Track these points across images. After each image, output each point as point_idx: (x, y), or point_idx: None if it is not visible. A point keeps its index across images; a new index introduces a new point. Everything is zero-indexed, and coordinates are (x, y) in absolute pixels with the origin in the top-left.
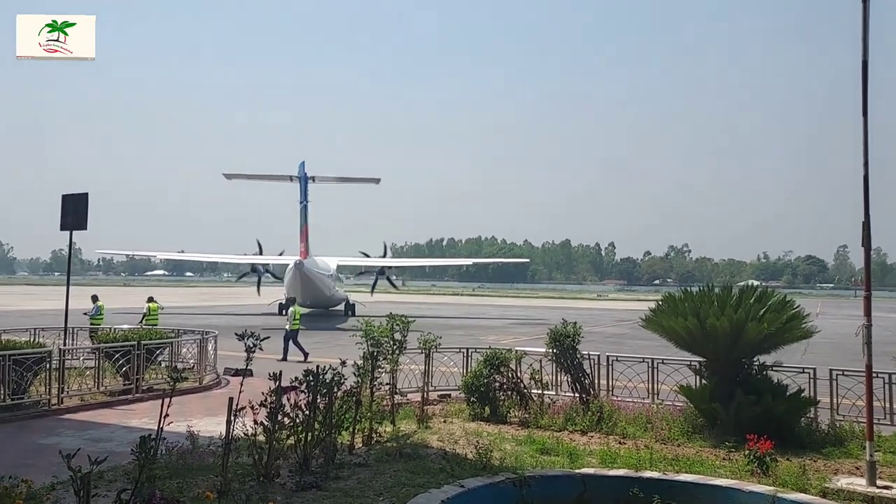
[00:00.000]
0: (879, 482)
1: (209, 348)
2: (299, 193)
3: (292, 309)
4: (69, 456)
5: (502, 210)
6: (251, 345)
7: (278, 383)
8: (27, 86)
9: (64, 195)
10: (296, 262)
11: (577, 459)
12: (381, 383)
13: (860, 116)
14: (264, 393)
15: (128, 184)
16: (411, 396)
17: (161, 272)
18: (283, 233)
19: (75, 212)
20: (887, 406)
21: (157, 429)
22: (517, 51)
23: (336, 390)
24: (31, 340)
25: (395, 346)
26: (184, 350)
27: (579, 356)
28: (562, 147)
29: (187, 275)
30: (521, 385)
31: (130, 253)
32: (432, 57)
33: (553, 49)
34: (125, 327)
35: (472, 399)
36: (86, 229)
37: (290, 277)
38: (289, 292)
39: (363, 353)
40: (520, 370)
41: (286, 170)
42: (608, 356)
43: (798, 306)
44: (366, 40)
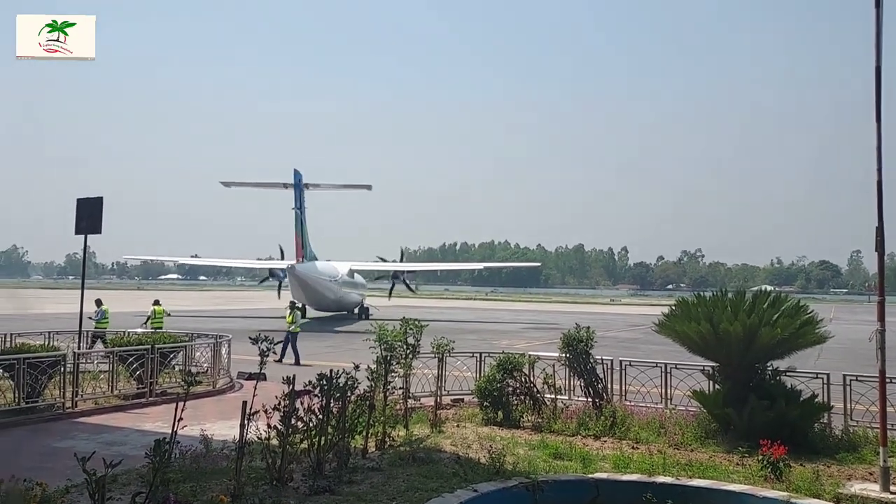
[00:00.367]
0: (893, 488)
1: (223, 352)
2: (293, 200)
3: (289, 312)
4: (84, 459)
5: (515, 214)
6: (265, 349)
7: (292, 387)
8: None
9: (79, 199)
10: (288, 266)
11: (590, 464)
12: (395, 387)
13: (874, 122)
14: (278, 397)
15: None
16: (424, 401)
17: (175, 276)
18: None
19: (90, 216)
20: None
21: (171, 432)
22: (529, 53)
23: (349, 394)
24: (46, 344)
25: (408, 351)
26: (197, 354)
27: (592, 361)
28: (575, 151)
29: (201, 278)
30: (535, 390)
31: (156, 258)
32: (445, 58)
33: (565, 52)
34: (139, 331)
35: (485, 403)
36: (100, 233)
37: (289, 281)
38: (292, 296)
39: (376, 357)
40: (533, 375)
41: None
42: (621, 361)
43: (812, 311)
44: (376, 41)
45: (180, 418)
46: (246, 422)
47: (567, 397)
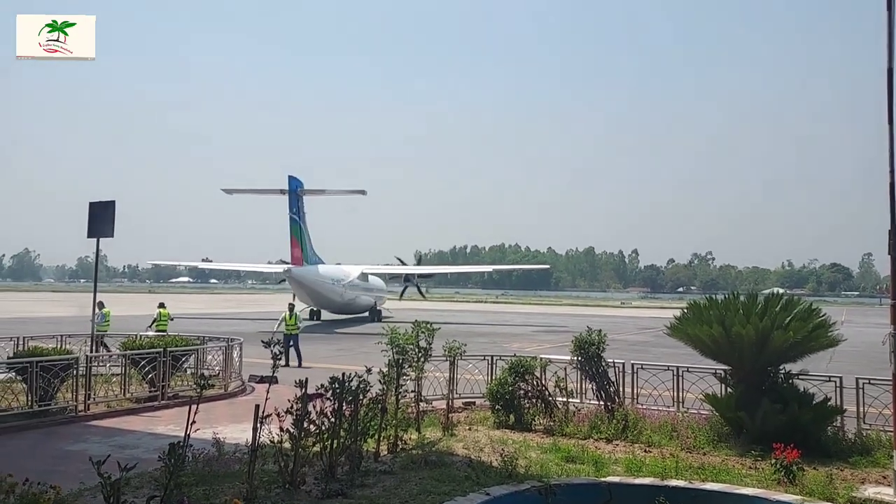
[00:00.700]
0: None
1: (234, 355)
2: (288, 206)
3: (284, 313)
4: (99, 462)
5: (526, 217)
6: (277, 352)
7: (304, 390)
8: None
9: (91, 203)
10: (284, 269)
11: (602, 468)
12: (407, 391)
13: (886, 124)
14: (290, 400)
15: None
16: (436, 404)
17: (186, 279)
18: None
19: (102, 219)
20: None
21: (185, 435)
22: (537, 54)
23: (362, 398)
24: (58, 347)
25: (420, 354)
26: (209, 357)
27: (604, 364)
28: (585, 154)
29: (212, 282)
30: (546, 393)
31: (178, 263)
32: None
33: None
34: (150, 334)
35: (496, 407)
36: (112, 236)
37: (289, 284)
38: (296, 298)
39: (388, 360)
40: (544, 378)
41: (312, 179)
42: (633, 364)
43: (824, 314)
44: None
45: (193, 421)
46: (258, 425)
47: (579, 400)
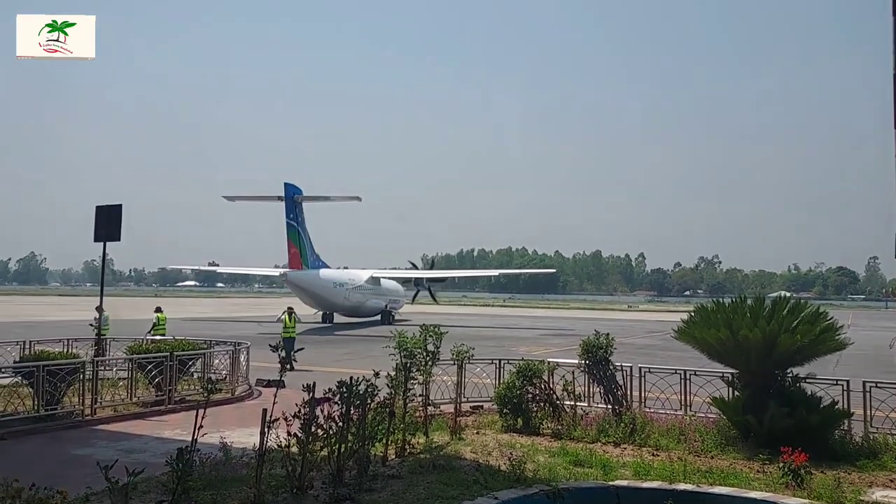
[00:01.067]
0: None
1: (241, 359)
2: (285, 212)
3: (287, 317)
4: (107, 467)
5: (533, 220)
6: (284, 356)
7: (312, 395)
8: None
9: (98, 206)
10: (280, 273)
11: (610, 471)
12: (415, 394)
13: (892, 129)
14: (297, 404)
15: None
16: (444, 408)
17: (192, 283)
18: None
19: (109, 223)
20: None
21: (192, 440)
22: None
23: (369, 402)
24: (65, 351)
25: (428, 358)
26: (216, 361)
27: (612, 367)
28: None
29: (218, 286)
30: (554, 396)
31: (199, 268)
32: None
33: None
34: (157, 338)
35: (504, 410)
36: (119, 240)
37: (289, 288)
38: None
39: (396, 364)
40: (552, 381)
41: (318, 182)
42: (640, 367)
43: (831, 318)
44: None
45: (200, 426)
46: (266, 429)
47: (587, 404)
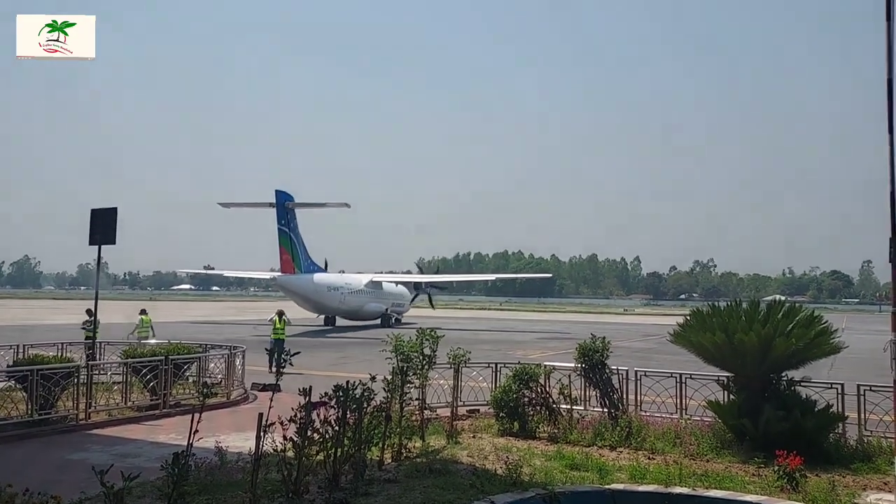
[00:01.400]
0: None
1: (237, 363)
2: (276, 218)
3: (277, 319)
4: (102, 472)
5: (529, 224)
6: (281, 360)
7: (308, 399)
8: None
9: (93, 210)
10: (271, 278)
11: (606, 475)
12: (411, 398)
13: (887, 133)
14: (293, 408)
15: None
16: (440, 411)
17: (187, 286)
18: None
19: (104, 226)
20: None
21: (187, 444)
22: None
23: (366, 405)
24: (59, 355)
25: (424, 361)
26: (211, 365)
27: (608, 371)
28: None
29: (213, 289)
30: (550, 400)
31: (208, 272)
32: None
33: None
34: (152, 342)
35: (501, 414)
36: (114, 244)
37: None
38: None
39: (392, 367)
40: (548, 385)
41: (327, 186)
42: (636, 371)
43: (826, 322)
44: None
45: (196, 430)
46: (262, 433)
47: (583, 408)
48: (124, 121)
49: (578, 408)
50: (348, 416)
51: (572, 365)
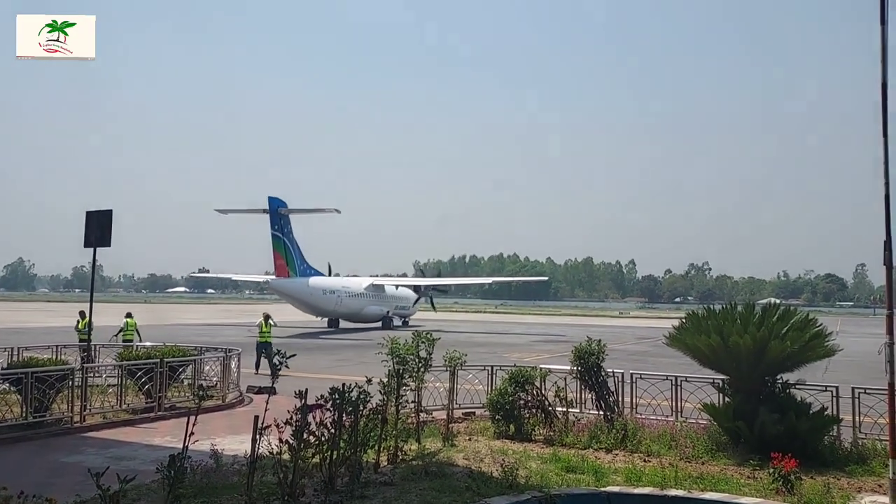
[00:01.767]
0: None
1: (232, 366)
2: (269, 224)
3: (264, 322)
4: (98, 475)
5: (524, 227)
6: (276, 363)
7: (304, 401)
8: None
9: (88, 212)
10: (264, 281)
11: (602, 478)
12: (407, 401)
13: (881, 136)
14: (289, 411)
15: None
16: (436, 414)
17: (182, 289)
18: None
19: (99, 228)
20: None
21: (183, 447)
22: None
23: (362, 408)
24: (54, 357)
25: (420, 364)
26: (207, 367)
27: (603, 374)
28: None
29: (209, 292)
30: (546, 403)
31: (217, 275)
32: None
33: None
34: (148, 345)
35: (496, 417)
36: (109, 246)
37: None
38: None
39: (388, 370)
40: (544, 388)
41: (332, 190)
42: (632, 373)
43: (820, 324)
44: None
45: (192, 433)
46: (258, 436)
47: (578, 410)
48: (121, 123)
49: (574, 410)
50: (344, 418)
51: (568, 368)
